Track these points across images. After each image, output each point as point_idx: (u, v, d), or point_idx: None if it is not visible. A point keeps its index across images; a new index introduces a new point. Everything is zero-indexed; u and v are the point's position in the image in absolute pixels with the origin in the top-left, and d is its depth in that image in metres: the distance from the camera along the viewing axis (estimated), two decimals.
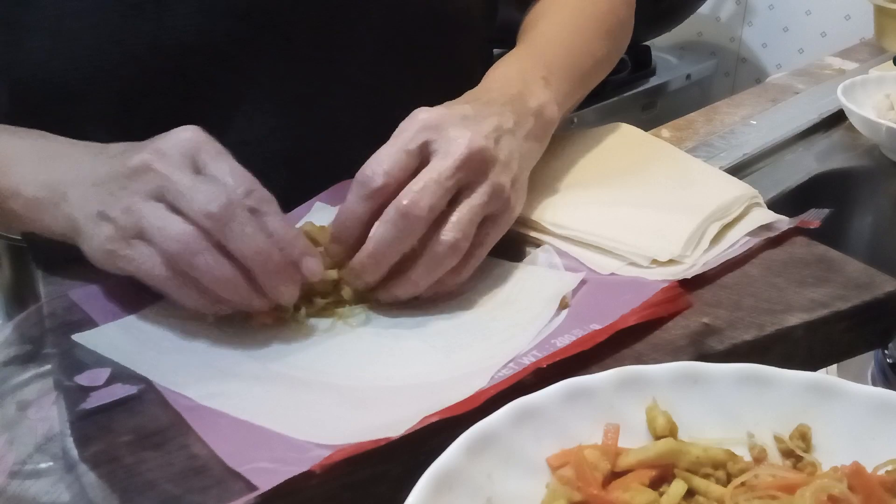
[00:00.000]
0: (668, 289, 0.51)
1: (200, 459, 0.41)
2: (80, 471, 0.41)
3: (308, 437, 0.41)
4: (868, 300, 0.52)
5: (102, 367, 0.47)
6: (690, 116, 1.06)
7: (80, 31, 0.60)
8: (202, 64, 0.62)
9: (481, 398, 0.42)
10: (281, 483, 0.38)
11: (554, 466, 0.39)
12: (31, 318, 0.54)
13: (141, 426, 0.43)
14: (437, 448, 0.36)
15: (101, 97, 0.62)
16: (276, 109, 0.66)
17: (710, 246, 0.56)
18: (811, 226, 0.59)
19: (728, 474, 0.39)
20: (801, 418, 0.40)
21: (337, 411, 0.45)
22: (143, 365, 0.48)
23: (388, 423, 0.41)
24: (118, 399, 0.45)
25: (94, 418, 0.44)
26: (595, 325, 0.48)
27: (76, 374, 0.47)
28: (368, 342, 0.51)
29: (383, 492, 0.41)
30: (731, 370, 0.42)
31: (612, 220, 0.59)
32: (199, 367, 0.48)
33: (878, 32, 1.38)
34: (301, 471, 0.38)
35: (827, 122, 1.05)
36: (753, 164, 0.96)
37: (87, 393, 0.45)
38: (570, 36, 0.68)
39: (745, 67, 2.04)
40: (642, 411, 0.41)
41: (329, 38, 0.66)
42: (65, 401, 0.45)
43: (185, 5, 0.61)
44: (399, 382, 0.47)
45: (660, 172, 0.65)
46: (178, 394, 0.45)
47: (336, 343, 0.50)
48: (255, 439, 0.42)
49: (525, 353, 0.47)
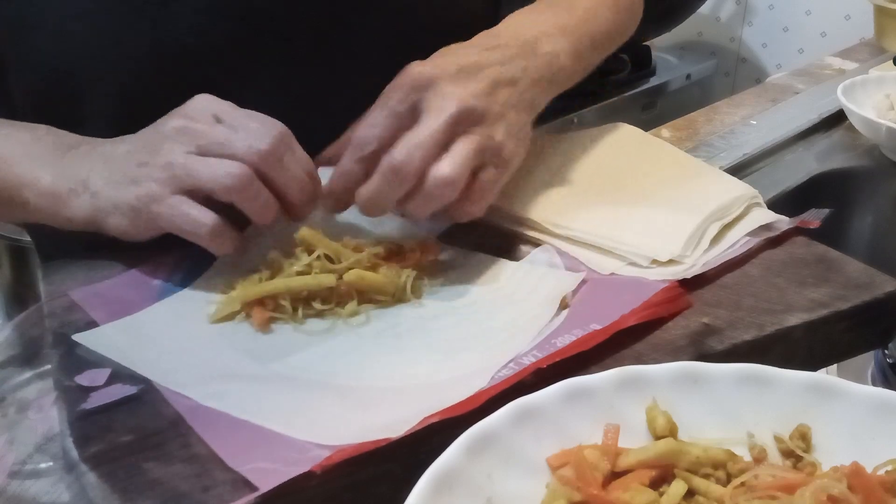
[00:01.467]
0: (668, 289, 0.51)
1: (201, 460, 0.41)
2: (80, 471, 0.41)
3: (308, 438, 0.41)
4: (868, 300, 0.52)
5: (102, 368, 0.47)
6: (690, 116, 1.06)
7: (82, 32, 0.60)
8: (202, 65, 0.62)
9: (481, 398, 0.42)
10: (281, 483, 0.38)
11: (554, 466, 0.39)
12: (31, 318, 0.54)
13: (141, 426, 0.43)
14: (437, 448, 0.36)
15: (103, 98, 0.62)
16: (277, 112, 0.66)
17: (710, 246, 0.56)
18: (811, 226, 0.59)
19: (728, 474, 0.39)
20: (801, 418, 0.40)
21: (337, 411, 0.45)
22: (143, 365, 0.47)
23: (389, 423, 0.41)
24: (118, 399, 0.45)
25: (94, 418, 0.44)
26: (595, 325, 0.48)
27: (76, 374, 0.47)
28: (368, 342, 0.51)
29: (383, 492, 0.41)
30: (731, 370, 0.41)
31: (611, 220, 0.59)
32: (200, 367, 0.48)
33: (878, 32, 1.38)
34: (302, 471, 0.38)
35: (827, 122, 1.05)
36: (753, 164, 0.96)
37: (87, 393, 0.45)
38: (585, 4, 0.69)
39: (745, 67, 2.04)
40: (642, 411, 0.41)
41: (329, 42, 0.66)
42: (65, 401, 0.45)
43: (185, 6, 0.61)
44: (399, 383, 0.47)
45: (660, 172, 0.65)
46: (179, 394, 0.45)
47: (336, 343, 0.50)
48: (255, 439, 0.42)
49: (525, 353, 0.47)
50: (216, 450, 0.41)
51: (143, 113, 0.62)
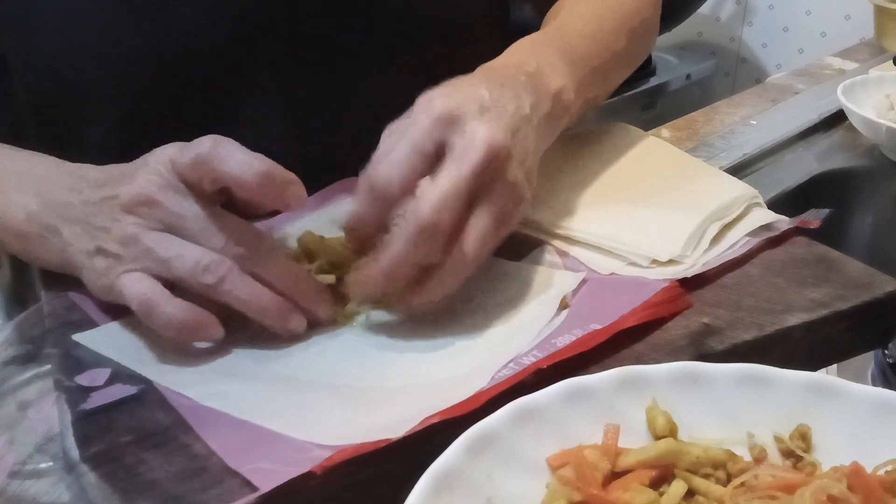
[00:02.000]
0: (668, 289, 0.51)
1: (201, 460, 0.41)
2: (81, 471, 0.41)
3: (308, 438, 0.41)
4: (868, 300, 0.52)
5: (102, 368, 0.47)
6: (690, 116, 1.06)
7: (83, 32, 0.60)
8: (203, 66, 0.62)
9: (482, 399, 0.42)
10: (281, 484, 0.38)
11: (554, 466, 0.39)
12: (31, 318, 0.54)
13: (141, 426, 0.43)
14: (437, 448, 0.36)
15: (104, 98, 0.62)
16: (280, 113, 0.66)
17: (710, 246, 0.56)
18: (811, 226, 0.59)
19: (728, 474, 0.39)
20: (801, 418, 0.40)
21: (337, 411, 0.45)
22: (143, 365, 0.48)
23: (389, 423, 0.41)
24: (118, 399, 0.45)
25: (95, 418, 0.44)
26: (595, 325, 0.48)
27: (76, 374, 0.47)
28: (369, 342, 0.51)
29: (384, 492, 0.41)
30: (731, 370, 0.42)
31: (611, 220, 0.59)
32: (200, 367, 0.48)
33: (878, 32, 1.38)
34: (301, 472, 0.38)
35: (827, 122, 1.05)
36: (753, 164, 0.96)
37: (88, 393, 0.45)
38: (590, 27, 0.66)
39: (745, 67, 2.04)
40: (642, 411, 0.41)
41: (330, 42, 0.66)
42: (65, 401, 0.45)
43: (186, 7, 0.61)
44: (399, 382, 0.47)
45: (660, 172, 0.65)
46: (179, 394, 0.45)
47: (336, 343, 0.50)
48: (255, 440, 0.42)
49: (525, 353, 0.47)
50: (216, 450, 0.41)
51: (148, 114, 0.62)
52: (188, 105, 0.63)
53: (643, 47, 0.74)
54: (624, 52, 0.69)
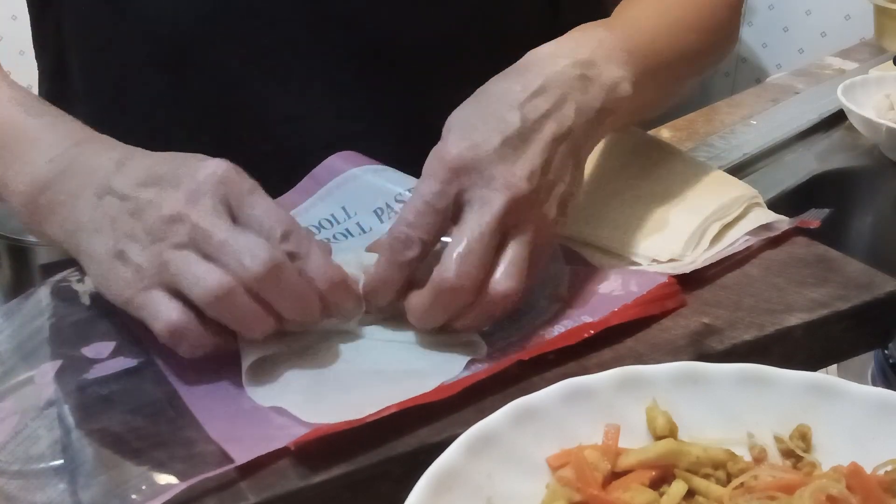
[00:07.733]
0: (663, 286, 0.51)
1: (191, 430, 0.43)
2: (73, 437, 0.42)
3: (289, 409, 0.43)
4: (868, 300, 0.52)
5: (108, 341, 0.49)
6: (690, 116, 1.06)
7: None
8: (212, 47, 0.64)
9: (456, 388, 0.43)
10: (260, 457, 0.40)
11: (554, 466, 0.39)
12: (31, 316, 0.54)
13: (137, 398, 0.45)
14: (437, 448, 0.36)
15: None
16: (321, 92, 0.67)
17: (710, 246, 0.56)
18: (811, 226, 0.59)
19: (728, 474, 0.39)
20: (801, 418, 0.40)
21: (319, 389, 0.45)
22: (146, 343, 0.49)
23: (369, 404, 0.42)
24: (118, 371, 0.47)
25: (93, 389, 0.46)
26: (587, 318, 0.49)
27: (83, 345, 0.49)
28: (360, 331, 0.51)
29: (384, 492, 0.41)
30: (731, 370, 0.42)
31: (611, 219, 0.59)
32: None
33: (878, 32, 1.38)
34: (277, 447, 0.40)
35: (827, 122, 1.05)
36: (753, 164, 0.96)
37: (91, 364, 0.47)
38: (658, 23, 0.60)
39: (745, 67, 2.04)
40: (642, 411, 0.41)
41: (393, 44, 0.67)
42: (67, 371, 0.47)
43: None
44: (383, 367, 0.47)
45: (660, 172, 0.65)
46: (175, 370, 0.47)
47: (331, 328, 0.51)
48: (240, 415, 0.44)
49: (511, 343, 0.48)
50: (203, 423, 0.43)
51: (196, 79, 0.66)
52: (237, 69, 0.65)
53: (717, 51, 0.67)
54: (691, 53, 0.62)
